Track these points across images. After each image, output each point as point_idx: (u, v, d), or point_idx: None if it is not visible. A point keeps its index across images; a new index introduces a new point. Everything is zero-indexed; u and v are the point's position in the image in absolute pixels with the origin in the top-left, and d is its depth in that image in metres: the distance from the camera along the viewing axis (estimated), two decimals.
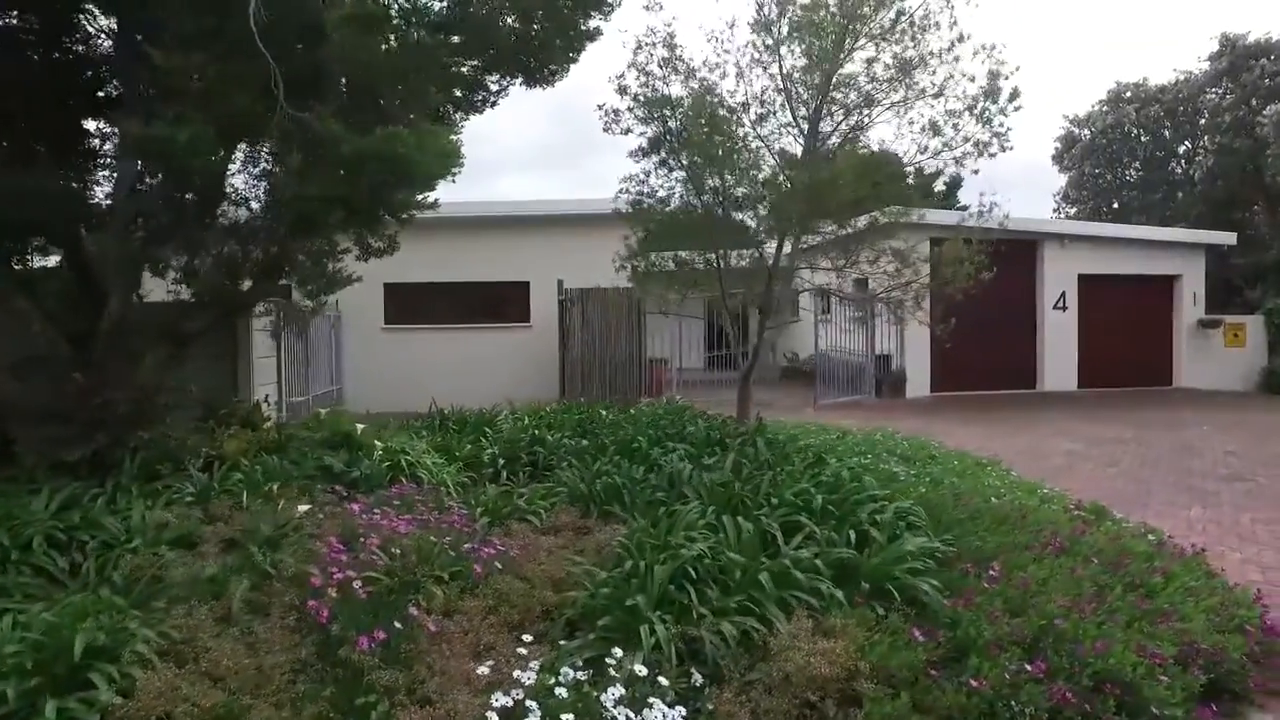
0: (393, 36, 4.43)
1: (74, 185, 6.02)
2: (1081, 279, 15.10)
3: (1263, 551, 5.33)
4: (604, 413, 7.77)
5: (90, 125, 6.55)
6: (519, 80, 6.65)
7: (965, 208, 26.28)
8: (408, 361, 13.05)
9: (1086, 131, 22.80)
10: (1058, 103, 49.29)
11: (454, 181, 8.36)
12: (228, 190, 6.18)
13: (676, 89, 6.89)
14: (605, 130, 6.84)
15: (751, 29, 6.81)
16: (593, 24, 5.89)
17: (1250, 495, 6.75)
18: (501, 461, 6.23)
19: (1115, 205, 22.56)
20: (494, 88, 7.15)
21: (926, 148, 7.62)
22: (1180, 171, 21.63)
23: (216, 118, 4.47)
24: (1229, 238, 15.92)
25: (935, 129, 7.39)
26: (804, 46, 6.74)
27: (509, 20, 5.90)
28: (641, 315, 12.46)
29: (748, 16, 6.85)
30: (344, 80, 4.47)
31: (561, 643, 3.37)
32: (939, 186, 27.95)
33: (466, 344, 13.27)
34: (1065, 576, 4.04)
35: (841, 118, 7.47)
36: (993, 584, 3.91)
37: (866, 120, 7.36)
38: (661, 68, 6.70)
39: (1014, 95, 7.06)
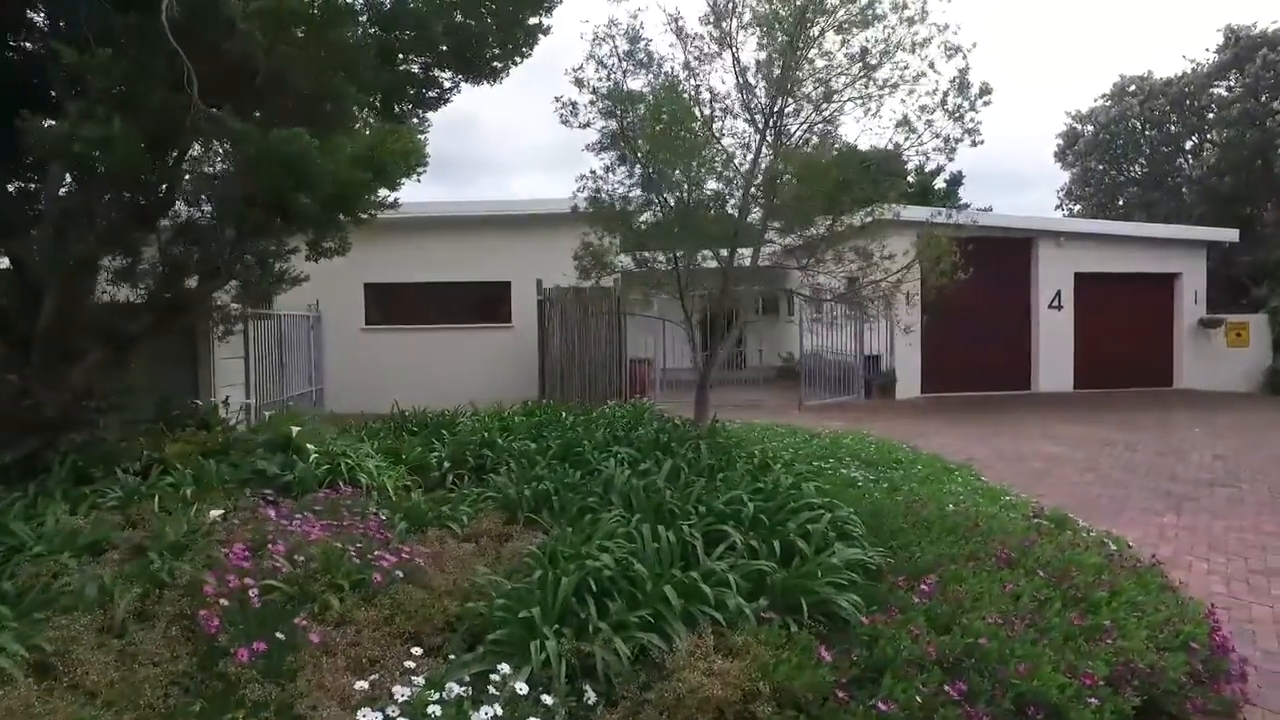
0: (308, 31, 4.28)
1: (13, 187, 5.96)
2: (1078, 277, 14.76)
3: (1231, 562, 5.09)
4: (564, 415, 7.60)
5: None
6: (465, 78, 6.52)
7: (965, 205, 25.82)
8: (388, 362, 12.95)
9: (1090, 127, 22.32)
10: (1064, 98, 48.68)
11: (418, 180, 8.26)
12: (173, 190, 6.10)
13: (639, 83, 6.73)
14: (564, 123, 6.68)
15: (702, 21, 6.63)
16: (534, 20, 5.73)
17: (1231, 502, 6.49)
18: (447, 465, 6.10)
19: (1120, 202, 22.10)
20: (447, 84, 7.03)
21: (898, 144, 7.38)
22: (1186, 167, 21.13)
23: (135, 117, 4.36)
24: (1231, 234, 15.51)
25: (907, 125, 7.15)
26: (760, 37, 6.55)
27: (452, 16, 5.76)
28: (622, 315, 12.28)
29: (704, 7, 6.66)
30: (261, 78, 4.33)
31: (451, 657, 3.22)
32: (939, 184, 27.58)
33: (447, 345, 13.15)
34: (1004, 591, 3.84)
35: (810, 112, 7.25)
36: (923, 598, 3.71)
37: (835, 114, 7.13)
38: (622, 60, 6.52)
39: (984, 91, 6.83)
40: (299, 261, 7.34)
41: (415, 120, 7.43)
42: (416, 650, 3.22)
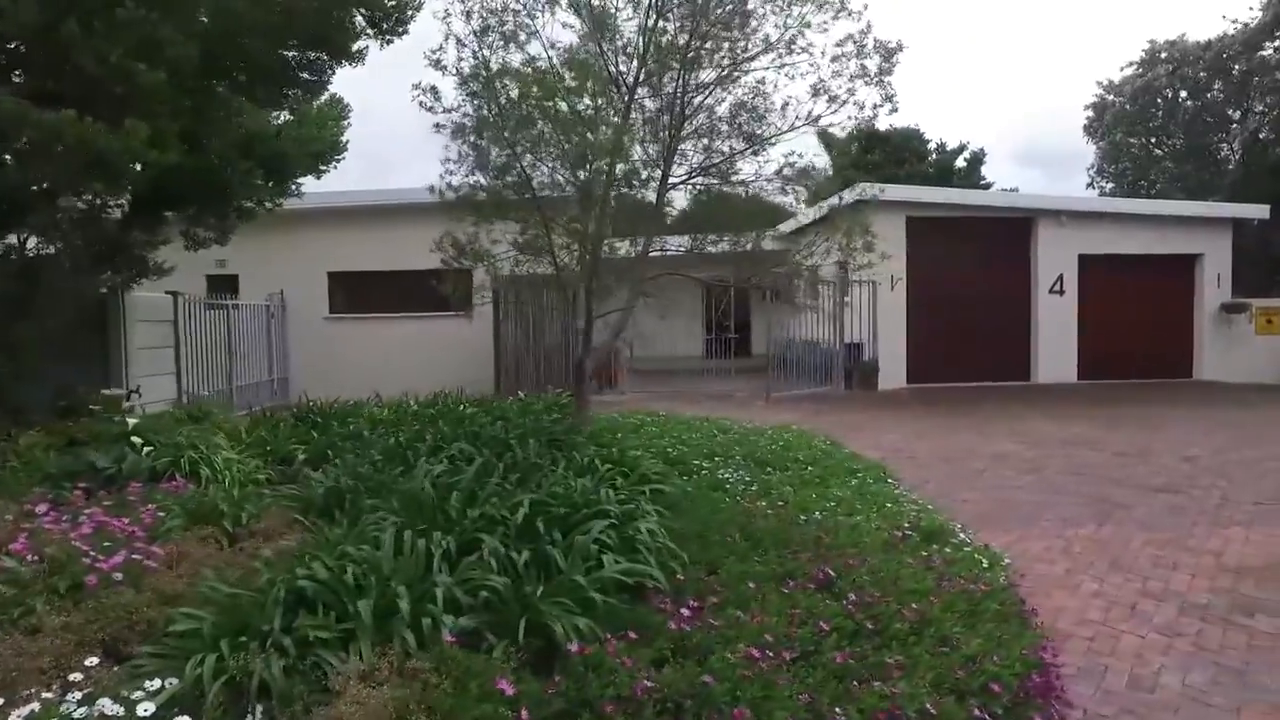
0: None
1: None
2: (1083, 260, 13.67)
3: (1128, 583, 4.44)
4: (463, 406, 7.28)
5: None
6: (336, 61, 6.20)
7: (989, 185, 24.59)
8: (351, 351, 12.86)
9: (1118, 98, 20.66)
10: (1100, 67, 45.77)
11: (337, 168, 7.96)
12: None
13: (513, 59, 6.25)
14: (428, 109, 6.23)
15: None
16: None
17: (1168, 511, 5.75)
18: (302, 458, 5.86)
19: (1153, 177, 20.46)
20: (326, 69, 6.74)
21: (811, 113, 6.74)
22: (1224, 138, 19.35)
23: None
24: (1260, 210, 14.10)
25: (824, 92, 6.51)
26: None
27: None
28: (577, 301, 11.87)
29: None
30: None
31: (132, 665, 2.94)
32: (960, 163, 26.19)
33: (409, 333, 12.99)
34: (789, 617, 3.35)
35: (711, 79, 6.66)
36: (683, 623, 3.26)
37: (737, 74, 6.52)
38: (479, 36, 6.04)
39: (891, 53, 6.15)
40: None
41: (294, 106, 7.19)
42: (92, 660, 2.95)
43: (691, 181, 6.95)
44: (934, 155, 24.85)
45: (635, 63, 6.15)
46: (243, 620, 3.02)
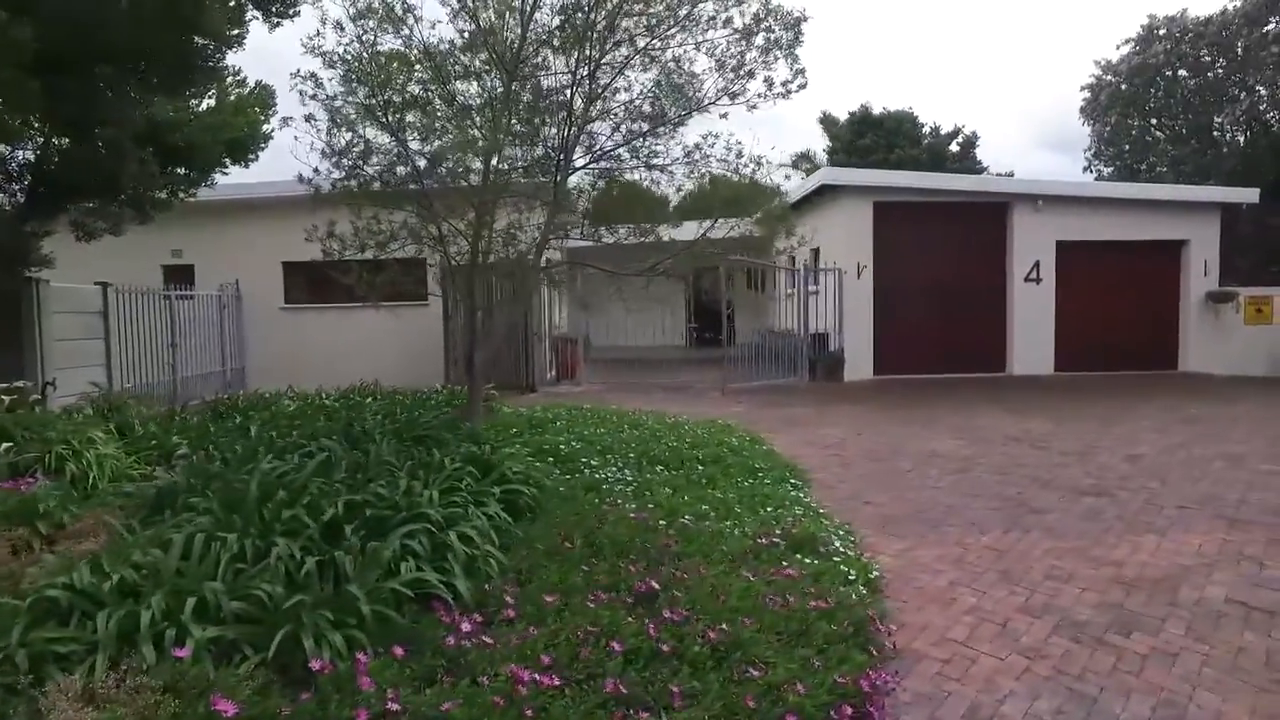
0: None
1: None
2: (1061, 246, 13.15)
3: (1010, 598, 4.10)
4: (370, 400, 7.05)
5: None
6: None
7: (984, 169, 23.92)
8: (306, 341, 12.70)
9: (1113, 78, 19.84)
10: (1099, 47, 44.34)
11: (256, 159, 7.74)
12: None
13: (397, 43, 5.93)
14: (312, 98, 5.92)
15: None
16: None
17: (1086, 517, 5.38)
18: (181, 453, 5.68)
19: (1152, 160, 19.67)
20: (212, 56, 6.47)
21: (732, 93, 6.36)
22: (1225, 118, 18.50)
23: None
24: (1249, 194, 13.46)
25: (729, 66, 6.14)
26: None
27: None
28: (532, 293, 11.56)
29: None
30: None
31: None
32: (953, 147, 25.48)
33: (363, 324, 12.76)
34: (582, 636, 3.07)
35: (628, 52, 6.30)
36: (462, 639, 3.01)
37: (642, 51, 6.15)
38: (357, 20, 5.71)
39: (796, 23, 5.75)
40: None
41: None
42: None
43: (593, 167, 6.62)
44: (928, 139, 24.19)
45: (518, 45, 5.80)
46: None
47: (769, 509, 4.91)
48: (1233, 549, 4.71)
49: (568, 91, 6.20)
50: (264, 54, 8.65)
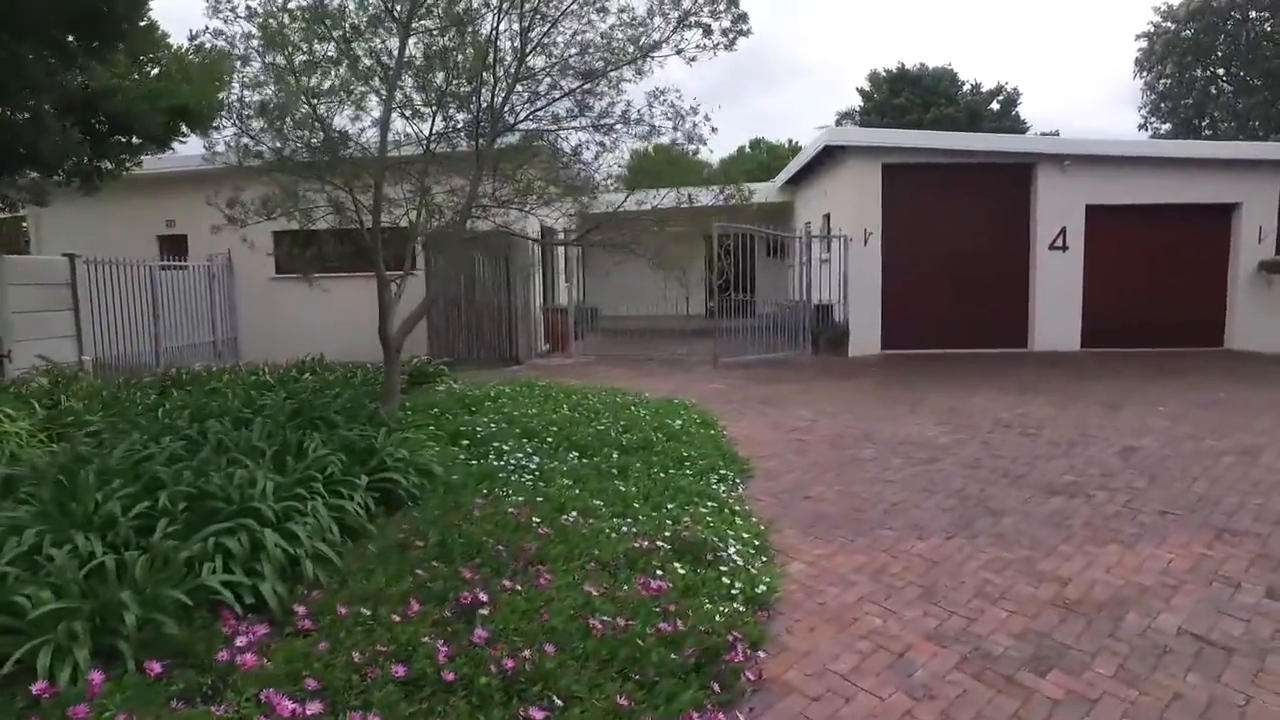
0: None
1: None
2: (1091, 211, 12.01)
3: (919, 621, 3.55)
4: (307, 375, 6.78)
5: None
6: None
7: (1027, 127, 22.42)
8: (296, 312, 12.54)
9: (1174, 23, 17.94)
10: None
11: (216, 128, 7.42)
12: None
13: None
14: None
15: None
16: None
17: (1048, 522, 4.73)
18: (85, 432, 5.47)
19: (1215, 114, 17.83)
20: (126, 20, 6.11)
21: (656, 40, 5.72)
22: None
23: None
24: None
25: (665, 11, 5.50)
26: None
27: None
28: (510, 262, 11.14)
29: None
30: None
31: None
32: (993, 106, 23.79)
33: (352, 294, 12.55)
34: (357, 658, 2.68)
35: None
36: (235, 654, 2.66)
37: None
38: None
39: None
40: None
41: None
42: None
43: (518, 128, 6.09)
44: (967, 98, 22.64)
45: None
46: None
47: (674, 505, 4.42)
48: (1208, 566, 4.03)
49: (493, 47, 5.67)
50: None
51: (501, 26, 5.40)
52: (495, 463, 4.94)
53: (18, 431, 5.51)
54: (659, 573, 3.60)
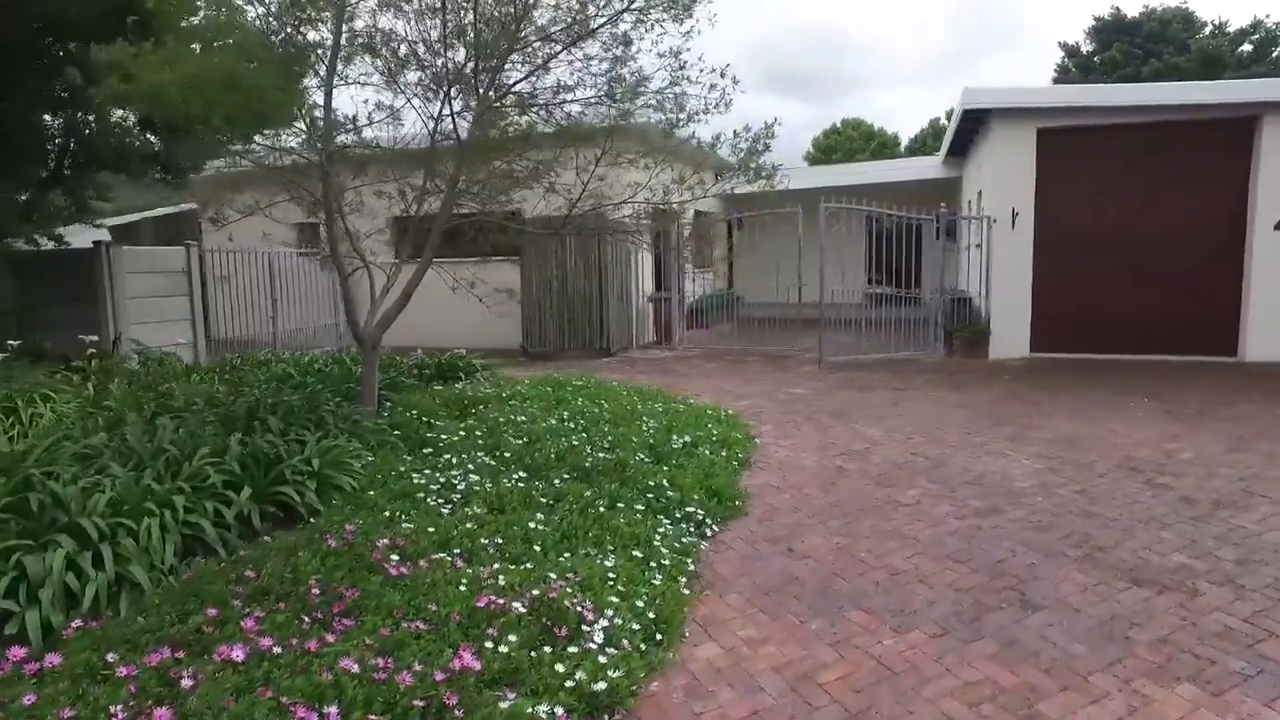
0: None
1: None
2: None
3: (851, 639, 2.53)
4: (332, 368, 6.79)
5: None
6: None
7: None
8: (416, 296, 12.99)
9: None
10: None
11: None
12: None
13: None
14: None
15: None
16: None
17: (1101, 629, 3.29)
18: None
19: None
20: None
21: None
22: None
23: None
24: None
25: None
26: None
27: None
28: (606, 247, 10.58)
29: None
30: None
31: None
32: (1245, 48, 18.81)
33: (465, 280, 12.71)
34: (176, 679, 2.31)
35: None
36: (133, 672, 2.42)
37: None
38: None
39: None
40: None
41: None
42: None
43: (500, 105, 5.48)
44: (1209, 41, 18.28)
45: None
46: None
47: (588, 551, 3.65)
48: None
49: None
50: None
51: None
52: (435, 477, 4.45)
53: (55, 415, 5.98)
54: (489, 644, 2.89)
